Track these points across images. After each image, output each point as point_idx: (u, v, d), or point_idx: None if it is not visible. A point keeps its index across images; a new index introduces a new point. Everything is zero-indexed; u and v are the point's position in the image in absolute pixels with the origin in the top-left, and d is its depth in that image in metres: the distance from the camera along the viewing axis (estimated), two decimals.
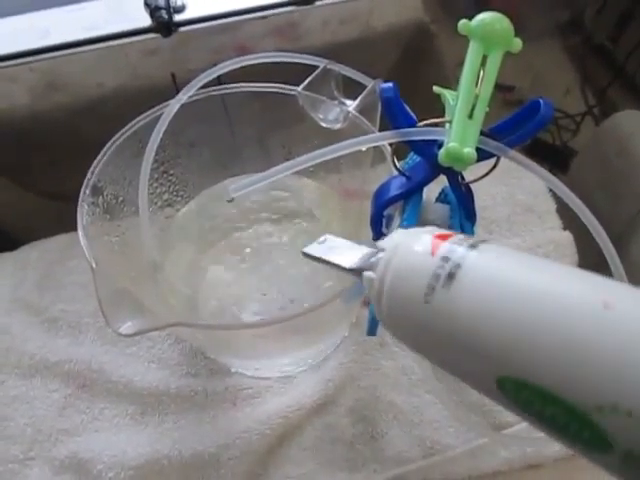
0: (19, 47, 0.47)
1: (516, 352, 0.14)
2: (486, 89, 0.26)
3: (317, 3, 0.51)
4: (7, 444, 0.40)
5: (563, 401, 0.13)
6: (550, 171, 0.26)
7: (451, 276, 0.16)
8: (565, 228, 0.50)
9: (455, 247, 0.17)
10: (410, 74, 0.61)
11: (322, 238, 0.22)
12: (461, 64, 0.26)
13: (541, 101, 0.25)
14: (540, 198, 0.51)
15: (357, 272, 0.19)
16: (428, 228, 0.18)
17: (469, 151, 0.25)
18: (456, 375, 0.17)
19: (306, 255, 0.21)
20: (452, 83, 0.29)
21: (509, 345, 0.14)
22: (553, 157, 0.68)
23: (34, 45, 0.47)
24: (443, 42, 0.61)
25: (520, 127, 0.27)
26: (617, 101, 0.68)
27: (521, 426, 0.40)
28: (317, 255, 0.21)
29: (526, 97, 0.65)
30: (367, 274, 0.18)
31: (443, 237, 0.17)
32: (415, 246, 0.17)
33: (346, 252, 0.20)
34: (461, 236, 0.17)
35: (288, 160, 0.47)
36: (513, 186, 0.51)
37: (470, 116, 0.26)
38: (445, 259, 0.16)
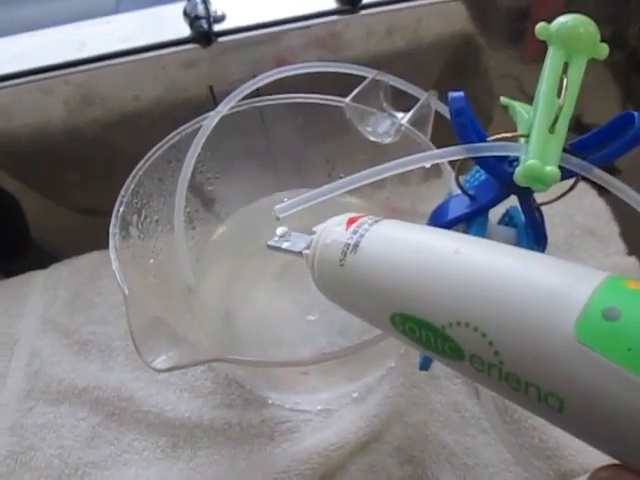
0: (54, 59, 0.46)
1: (401, 293, 0.19)
2: (570, 100, 0.23)
3: (362, 12, 0.49)
4: (33, 476, 0.37)
5: (431, 324, 0.18)
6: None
7: (357, 244, 0.20)
8: (630, 253, 0.46)
9: (362, 223, 0.21)
10: (454, 87, 0.58)
11: (282, 232, 0.25)
12: (503, 77, 0.24)
13: (635, 114, 0.22)
14: (601, 220, 0.47)
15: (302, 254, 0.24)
16: (346, 214, 0.23)
17: (552, 169, 0.22)
18: (362, 318, 0.22)
19: (270, 247, 0.25)
20: (496, 97, 0.27)
21: (396, 288, 0.19)
22: None
23: (69, 57, 0.46)
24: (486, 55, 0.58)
25: (606, 143, 0.24)
26: None
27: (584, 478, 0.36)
28: (277, 246, 0.25)
29: None
30: (305, 251, 0.23)
31: (355, 218, 0.22)
32: (334, 226, 0.22)
33: (299, 240, 0.24)
34: (370, 216, 0.22)
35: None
36: (571, 206, 0.48)
37: (551, 130, 0.22)
38: (354, 232, 0.21)
